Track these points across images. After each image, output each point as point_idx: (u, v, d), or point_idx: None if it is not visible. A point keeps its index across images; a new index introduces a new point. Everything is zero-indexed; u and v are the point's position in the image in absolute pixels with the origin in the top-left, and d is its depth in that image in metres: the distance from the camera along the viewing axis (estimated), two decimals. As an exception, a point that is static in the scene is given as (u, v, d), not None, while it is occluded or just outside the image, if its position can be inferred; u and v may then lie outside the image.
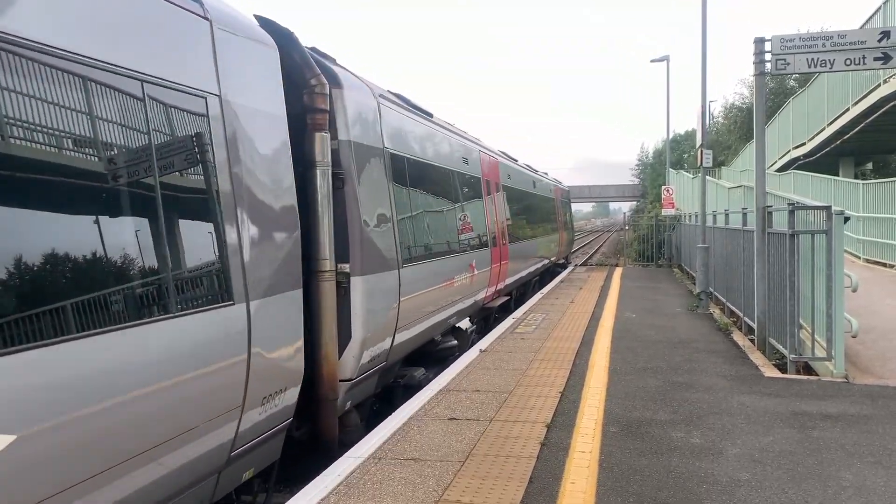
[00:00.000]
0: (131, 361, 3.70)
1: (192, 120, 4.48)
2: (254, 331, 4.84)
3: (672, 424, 6.50)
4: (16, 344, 3.03)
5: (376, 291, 7.21)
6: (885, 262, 17.03)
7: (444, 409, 7.11)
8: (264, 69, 5.50)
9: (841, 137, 20.50)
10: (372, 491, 5.01)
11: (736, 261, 12.41)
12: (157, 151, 4.08)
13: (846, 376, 8.12)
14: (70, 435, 3.30)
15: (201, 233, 4.51)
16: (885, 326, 10.55)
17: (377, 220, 7.44)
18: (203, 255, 4.48)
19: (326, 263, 6.45)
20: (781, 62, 9.74)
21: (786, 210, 8.92)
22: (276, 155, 5.50)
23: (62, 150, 3.48)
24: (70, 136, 3.52)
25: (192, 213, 4.47)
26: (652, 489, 4.99)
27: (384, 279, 7.44)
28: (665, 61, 33.05)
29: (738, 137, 39.25)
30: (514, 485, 5.09)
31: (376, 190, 7.55)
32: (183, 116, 4.39)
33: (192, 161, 4.45)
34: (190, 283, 4.30)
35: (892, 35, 9.34)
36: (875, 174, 25.81)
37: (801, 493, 4.90)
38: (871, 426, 6.38)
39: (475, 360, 9.52)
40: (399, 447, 5.95)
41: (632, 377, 8.38)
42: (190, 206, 4.43)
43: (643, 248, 29.97)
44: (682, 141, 57.09)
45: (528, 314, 13.95)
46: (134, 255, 3.82)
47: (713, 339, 11.09)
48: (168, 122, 4.27)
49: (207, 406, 4.39)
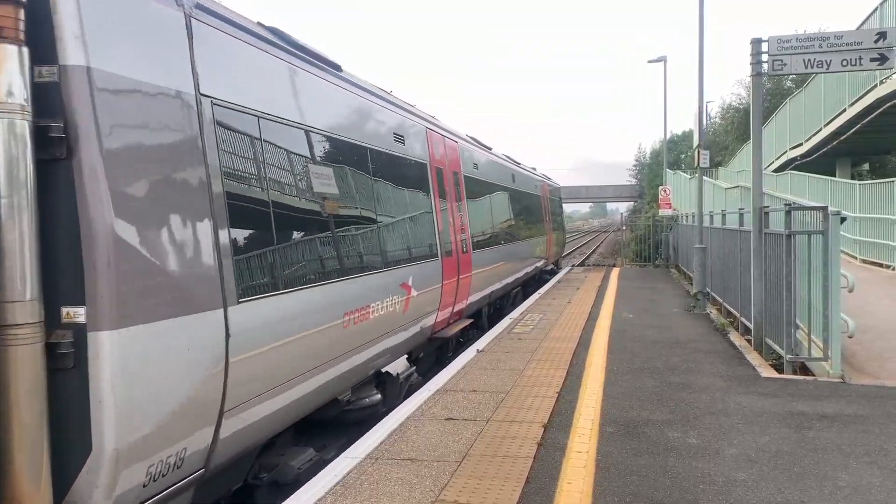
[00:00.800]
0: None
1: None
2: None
3: (669, 424, 6.51)
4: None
5: (159, 354, 4.10)
6: (881, 263, 17.07)
7: (441, 409, 7.11)
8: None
9: (838, 138, 20.54)
10: (369, 491, 5.01)
11: (733, 261, 12.43)
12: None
13: (843, 377, 8.13)
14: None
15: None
16: (881, 327, 10.57)
17: (166, 221, 4.25)
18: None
19: (17, 310, 3.61)
20: (778, 63, 9.76)
21: (783, 210, 8.94)
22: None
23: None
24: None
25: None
26: (649, 489, 4.99)
27: (185, 330, 4.29)
28: (662, 62, 33.09)
29: (736, 138, 39.34)
30: (510, 485, 5.09)
31: (166, 164, 4.33)
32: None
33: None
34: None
35: (888, 36, 9.36)
36: (872, 175, 25.87)
37: (798, 493, 4.90)
38: (867, 426, 6.39)
39: (472, 360, 9.52)
40: (396, 447, 5.94)
41: (629, 377, 8.38)
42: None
43: (640, 248, 30.03)
44: (680, 141, 57.14)
45: (526, 314, 13.95)
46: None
47: (710, 339, 11.10)
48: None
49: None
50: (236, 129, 5.13)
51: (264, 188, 5.40)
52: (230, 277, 4.73)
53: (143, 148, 4.16)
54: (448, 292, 10.36)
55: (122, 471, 3.86)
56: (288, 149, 5.95)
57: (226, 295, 4.65)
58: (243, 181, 5.15)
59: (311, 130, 6.44)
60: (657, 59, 33.16)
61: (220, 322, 4.58)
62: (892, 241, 16.45)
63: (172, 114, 4.42)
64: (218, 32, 5.06)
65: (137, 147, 4.11)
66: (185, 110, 4.52)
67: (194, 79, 4.63)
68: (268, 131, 5.57)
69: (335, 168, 6.89)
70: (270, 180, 5.51)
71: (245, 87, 5.34)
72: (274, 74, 5.92)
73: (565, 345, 10.49)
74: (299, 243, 5.91)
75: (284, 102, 5.99)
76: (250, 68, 5.52)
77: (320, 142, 6.68)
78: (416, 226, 9.29)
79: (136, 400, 3.91)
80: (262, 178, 5.39)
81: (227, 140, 4.97)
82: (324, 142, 6.78)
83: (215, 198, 4.67)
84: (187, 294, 4.34)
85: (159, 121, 4.30)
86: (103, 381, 3.75)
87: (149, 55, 4.29)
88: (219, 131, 4.85)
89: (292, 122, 6.06)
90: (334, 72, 7.43)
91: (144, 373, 3.98)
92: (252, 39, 5.62)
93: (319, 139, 6.64)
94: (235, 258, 4.82)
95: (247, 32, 5.58)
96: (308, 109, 6.41)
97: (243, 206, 5.08)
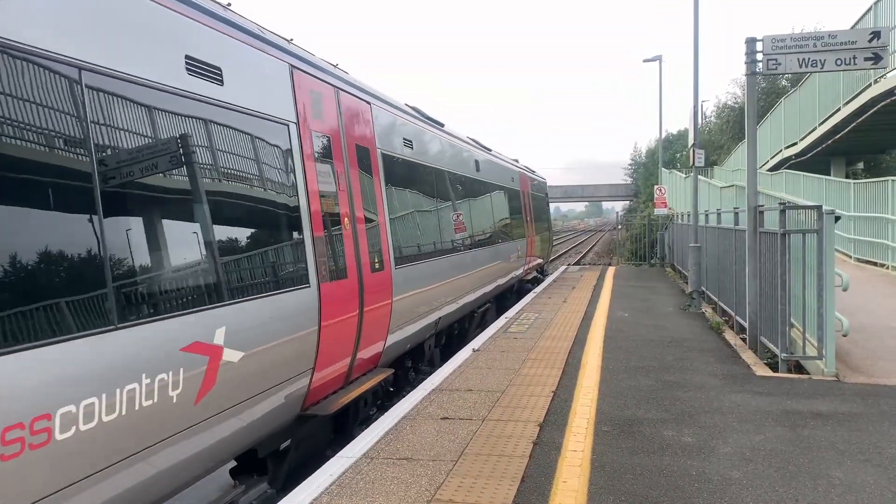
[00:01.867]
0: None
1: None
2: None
3: (664, 423, 6.52)
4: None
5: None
6: (875, 262, 17.13)
7: (436, 408, 7.11)
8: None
9: (832, 137, 20.59)
10: (364, 490, 5.01)
11: (728, 260, 12.45)
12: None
13: (837, 375, 8.15)
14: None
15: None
16: (875, 325, 10.61)
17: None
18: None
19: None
20: (773, 62, 9.77)
21: (777, 210, 8.96)
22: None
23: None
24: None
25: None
26: (644, 488, 5.01)
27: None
28: (658, 61, 33.15)
29: (731, 137, 39.39)
30: (506, 484, 5.10)
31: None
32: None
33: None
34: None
35: (882, 35, 9.39)
36: (866, 174, 25.93)
37: (792, 491, 4.92)
38: (861, 425, 6.42)
39: (468, 359, 9.52)
40: (391, 447, 5.95)
41: (624, 376, 8.39)
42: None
43: (636, 247, 30.09)
44: (675, 140, 57.24)
45: (521, 313, 13.96)
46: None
47: (705, 338, 11.12)
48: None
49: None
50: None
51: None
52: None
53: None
54: (336, 338, 6.69)
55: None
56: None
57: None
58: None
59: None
60: (652, 59, 33.25)
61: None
62: (886, 240, 16.50)
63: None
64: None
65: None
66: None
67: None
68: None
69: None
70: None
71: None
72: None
73: (561, 344, 10.50)
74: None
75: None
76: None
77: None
78: (259, 232, 5.65)
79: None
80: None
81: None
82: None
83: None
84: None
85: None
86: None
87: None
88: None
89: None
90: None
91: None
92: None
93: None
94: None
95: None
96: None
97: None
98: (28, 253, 3.48)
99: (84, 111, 3.90)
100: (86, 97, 3.93)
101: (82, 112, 3.89)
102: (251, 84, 5.74)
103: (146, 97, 4.43)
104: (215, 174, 5.11)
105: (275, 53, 6.28)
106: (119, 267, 3.99)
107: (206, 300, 4.70)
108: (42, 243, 3.55)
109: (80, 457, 3.62)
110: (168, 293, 4.37)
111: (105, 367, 3.77)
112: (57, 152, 3.74)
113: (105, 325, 3.79)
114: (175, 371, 4.29)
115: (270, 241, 5.78)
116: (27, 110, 3.57)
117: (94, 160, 3.89)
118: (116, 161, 4.14)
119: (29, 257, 3.49)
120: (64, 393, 3.50)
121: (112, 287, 3.88)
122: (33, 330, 3.40)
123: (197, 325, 4.54)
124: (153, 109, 4.50)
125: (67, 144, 3.78)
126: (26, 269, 3.45)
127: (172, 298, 4.39)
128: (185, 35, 4.94)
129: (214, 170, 5.10)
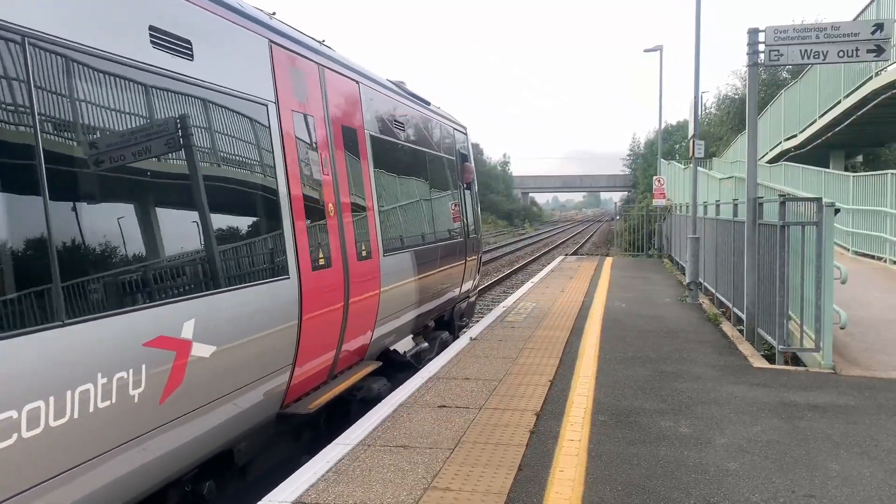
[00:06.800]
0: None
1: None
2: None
3: (661, 414, 6.53)
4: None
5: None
6: (873, 255, 17.14)
7: (433, 396, 7.11)
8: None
9: (832, 130, 20.57)
10: (361, 477, 5.01)
11: (726, 252, 12.45)
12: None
13: (834, 367, 8.16)
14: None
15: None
16: (873, 318, 10.62)
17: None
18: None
19: None
20: (775, 53, 9.73)
21: (777, 202, 8.95)
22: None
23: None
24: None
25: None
26: (640, 478, 5.01)
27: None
28: (658, 52, 33.06)
29: (731, 128, 39.35)
30: (503, 472, 5.10)
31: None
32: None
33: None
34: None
35: (885, 27, 9.35)
36: (865, 167, 25.93)
37: (788, 482, 4.93)
38: (857, 417, 6.43)
39: (466, 348, 9.52)
40: (389, 434, 5.94)
41: (621, 366, 8.40)
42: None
43: (634, 238, 30.05)
44: (675, 132, 57.19)
45: (519, 303, 13.96)
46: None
47: (702, 329, 11.13)
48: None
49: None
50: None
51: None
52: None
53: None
54: (318, 331, 6.33)
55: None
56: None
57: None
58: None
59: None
60: (653, 49, 33.16)
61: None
62: (884, 234, 16.51)
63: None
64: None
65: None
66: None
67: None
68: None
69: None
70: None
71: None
72: None
73: (558, 333, 10.50)
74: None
75: None
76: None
77: None
78: (223, 221, 5.15)
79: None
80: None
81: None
82: None
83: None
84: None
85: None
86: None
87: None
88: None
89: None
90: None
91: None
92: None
93: None
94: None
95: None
96: None
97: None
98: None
99: (29, 86, 3.43)
100: (30, 70, 3.45)
101: (25, 87, 3.42)
102: (225, 60, 5.31)
103: (104, 70, 3.97)
104: (182, 156, 4.67)
105: (253, 27, 5.82)
106: (67, 257, 3.55)
107: (173, 292, 4.32)
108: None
109: (22, 467, 3.25)
110: (127, 285, 4.00)
111: (51, 368, 3.39)
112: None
113: (49, 322, 3.38)
114: (136, 369, 3.93)
115: (245, 229, 5.42)
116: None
117: (40, 139, 3.45)
118: (67, 140, 3.73)
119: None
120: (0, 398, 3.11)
121: (59, 279, 3.45)
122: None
123: (161, 319, 4.18)
124: (112, 85, 4.04)
125: (9, 122, 3.34)
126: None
127: (133, 290, 4.04)
128: (149, 2, 4.48)
129: (181, 151, 4.67)
